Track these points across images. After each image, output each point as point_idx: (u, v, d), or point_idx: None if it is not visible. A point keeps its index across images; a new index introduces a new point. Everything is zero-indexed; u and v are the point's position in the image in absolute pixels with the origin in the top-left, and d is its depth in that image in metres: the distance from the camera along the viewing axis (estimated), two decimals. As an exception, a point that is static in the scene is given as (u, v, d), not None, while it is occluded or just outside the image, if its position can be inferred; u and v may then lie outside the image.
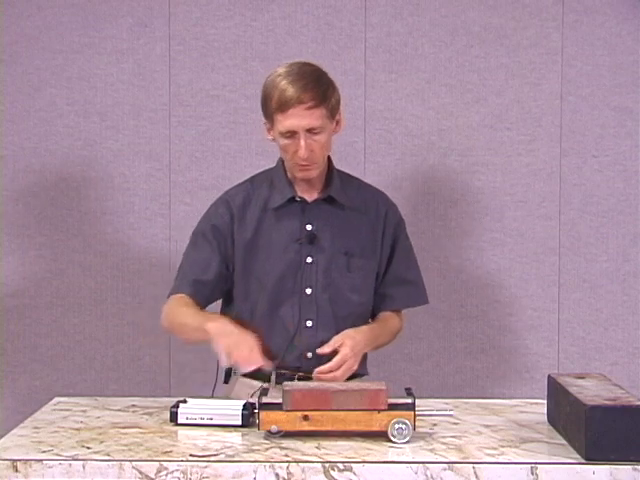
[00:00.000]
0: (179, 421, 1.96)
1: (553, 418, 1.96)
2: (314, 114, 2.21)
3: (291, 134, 2.23)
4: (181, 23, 3.17)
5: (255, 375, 2.29)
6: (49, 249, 3.19)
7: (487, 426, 1.98)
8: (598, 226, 3.16)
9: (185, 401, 2.00)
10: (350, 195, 2.37)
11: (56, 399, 2.24)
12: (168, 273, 3.18)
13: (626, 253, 3.17)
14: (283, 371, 2.24)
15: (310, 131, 2.22)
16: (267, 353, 2.16)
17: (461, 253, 3.17)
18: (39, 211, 3.19)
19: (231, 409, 1.97)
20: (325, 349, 2.23)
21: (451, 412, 1.98)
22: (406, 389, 1.96)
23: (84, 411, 2.11)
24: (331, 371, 2.19)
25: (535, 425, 1.98)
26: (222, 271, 2.35)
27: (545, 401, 2.02)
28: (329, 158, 2.39)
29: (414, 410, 1.87)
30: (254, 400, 1.96)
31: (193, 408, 1.97)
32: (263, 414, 1.87)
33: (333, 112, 2.27)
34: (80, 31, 3.17)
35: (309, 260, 2.33)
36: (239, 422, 1.95)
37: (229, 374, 2.35)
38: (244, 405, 1.97)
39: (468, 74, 3.15)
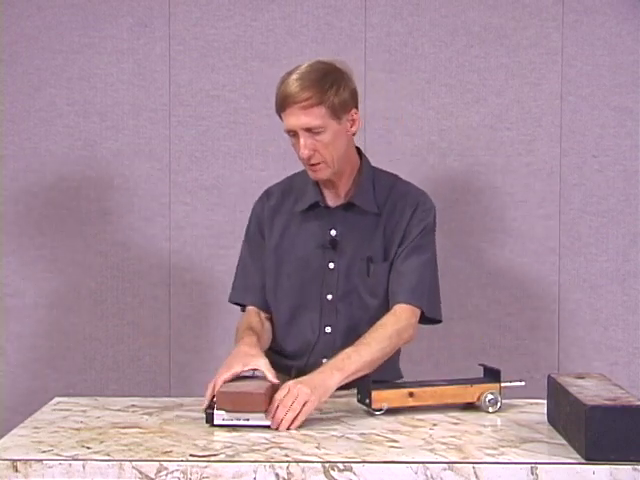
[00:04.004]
0: (215, 422, 1.95)
1: (553, 418, 1.95)
2: (312, 113, 2.17)
3: (293, 133, 2.21)
4: (181, 23, 3.17)
5: (279, 368, 2.32)
6: (49, 249, 3.19)
7: (487, 426, 1.98)
8: (598, 226, 3.16)
9: None
10: (379, 198, 2.32)
11: (56, 399, 2.23)
12: (168, 273, 3.19)
13: (626, 253, 3.17)
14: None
15: (310, 130, 2.19)
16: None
17: (461, 253, 3.17)
18: (39, 211, 3.19)
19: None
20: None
21: (522, 383, 2.15)
22: (480, 364, 2.18)
23: (84, 411, 2.11)
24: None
25: (535, 425, 1.98)
26: None
27: (545, 401, 2.02)
28: (362, 159, 2.36)
29: (500, 382, 2.10)
30: None
31: None
32: (375, 393, 2.04)
33: (337, 112, 2.20)
34: (80, 31, 3.17)
35: (331, 266, 2.31)
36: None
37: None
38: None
39: (468, 74, 3.15)
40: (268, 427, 1.94)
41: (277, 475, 1.71)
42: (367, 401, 2.06)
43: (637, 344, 3.17)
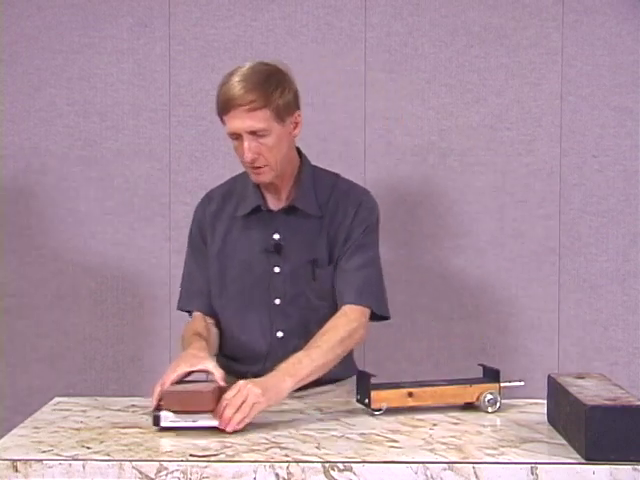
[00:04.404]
0: (162, 424, 1.91)
1: (553, 418, 1.96)
2: (256, 116, 2.13)
3: (237, 136, 2.17)
4: (181, 23, 3.17)
5: (235, 373, 2.30)
6: (49, 249, 3.19)
7: (487, 426, 1.98)
8: (598, 226, 3.16)
9: None
10: (320, 199, 2.29)
11: (56, 399, 2.24)
12: (168, 273, 3.19)
13: (626, 253, 3.17)
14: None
15: (254, 133, 2.15)
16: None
17: (461, 253, 3.17)
18: (39, 211, 3.19)
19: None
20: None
21: (521, 383, 2.15)
22: (480, 364, 2.19)
23: (84, 411, 2.11)
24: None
25: (535, 425, 1.98)
26: None
27: (545, 401, 2.02)
28: (302, 159, 2.32)
29: (499, 382, 2.11)
30: None
31: None
32: (374, 393, 2.04)
33: (281, 114, 2.17)
34: (80, 31, 3.17)
35: (277, 270, 2.28)
36: None
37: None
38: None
39: (468, 74, 3.15)
40: (216, 428, 1.90)
41: (277, 475, 1.71)
42: (366, 401, 2.06)
43: (637, 344, 3.17)
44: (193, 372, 2.02)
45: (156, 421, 1.92)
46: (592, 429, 1.70)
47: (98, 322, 3.20)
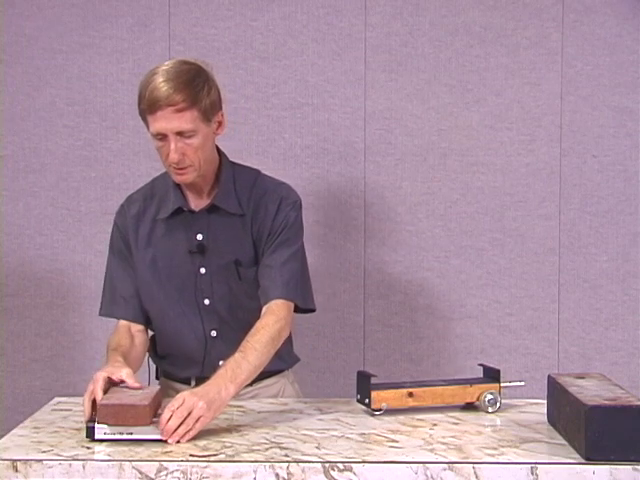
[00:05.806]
0: (97, 437, 1.84)
1: (553, 418, 1.96)
2: (184, 117, 2.10)
3: (162, 137, 2.13)
4: (181, 23, 3.17)
5: (177, 379, 2.33)
6: (49, 249, 3.19)
7: (487, 426, 1.98)
8: (598, 226, 3.16)
9: None
10: (241, 197, 2.27)
11: (56, 399, 2.23)
12: (168, 273, 3.18)
13: (626, 253, 3.17)
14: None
15: (181, 134, 2.12)
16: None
17: (461, 253, 3.17)
18: (39, 211, 3.19)
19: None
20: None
21: (522, 383, 2.19)
22: (480, 364, 2.21)
23: (84, 411, 2.10)
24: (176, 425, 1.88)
25: (535, 425, 1.98)
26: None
27: (545, 401, 2.02)
28: (222, 158, 2.30)
29: (499, 382, 2.12)
30: None
31: None
32: (374, 394, 2.05)
33: (207, 114, 2.15)
34: (80, 31, 3.17)
35: (203, 271, 2.26)
36: (160, 436, 1.85)
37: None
38: None
39: (468, 74, 3.15)
40: (153, 440, 1.84)
41: (277, 475, 1.71)
42: (367, 401, 2.06)
43: (637, 344, 3.17)
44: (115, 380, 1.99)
45: (90, 433, 1.86)
46: (592, 429, 1.70)
47: (98, 322, 3.19)
